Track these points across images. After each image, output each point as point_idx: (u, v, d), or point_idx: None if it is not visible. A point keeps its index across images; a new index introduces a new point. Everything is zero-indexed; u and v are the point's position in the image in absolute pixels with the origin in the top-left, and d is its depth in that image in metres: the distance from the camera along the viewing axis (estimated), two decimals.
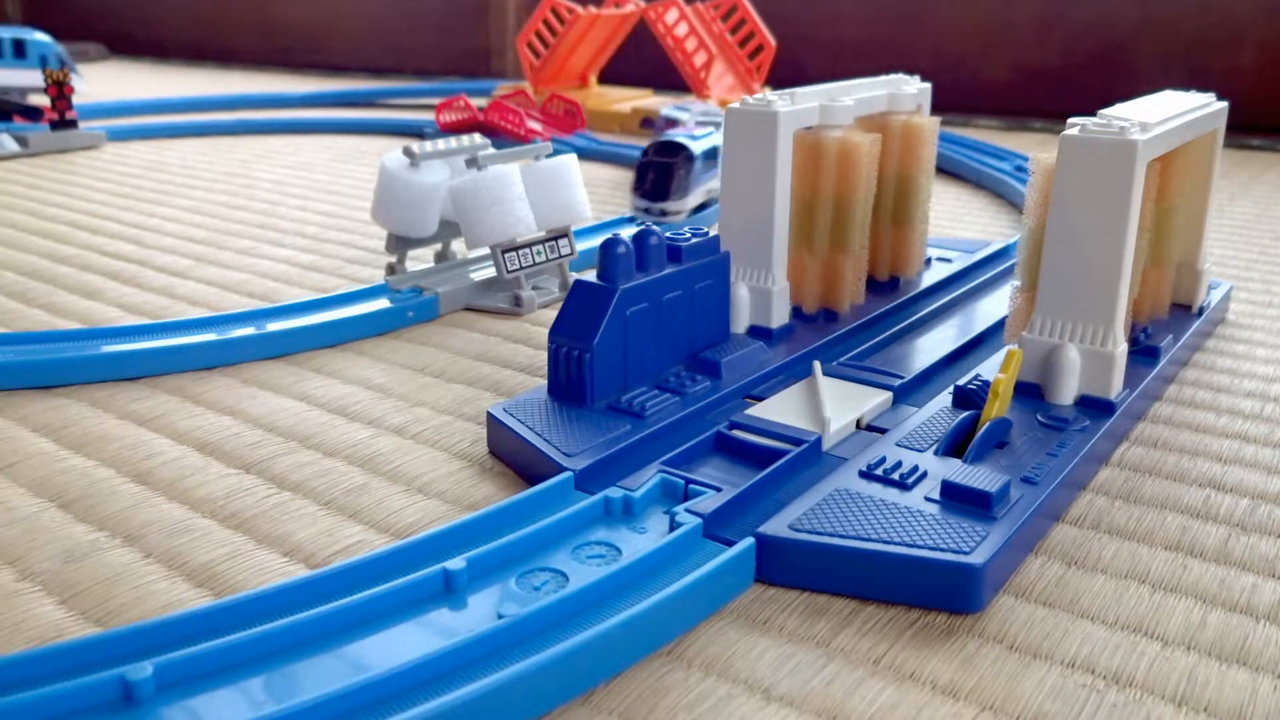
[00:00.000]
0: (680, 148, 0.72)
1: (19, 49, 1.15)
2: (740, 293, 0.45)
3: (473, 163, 0.54)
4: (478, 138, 0.56)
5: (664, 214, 0.71)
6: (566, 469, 0.34)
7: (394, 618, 0.27)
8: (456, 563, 0.28)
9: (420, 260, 0.62)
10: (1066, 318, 0.39)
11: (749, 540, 0.30)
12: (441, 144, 0.55)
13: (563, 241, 0.56)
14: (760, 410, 0.38)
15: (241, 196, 0.84)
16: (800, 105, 0.45)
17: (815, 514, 0.31)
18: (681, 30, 1.17)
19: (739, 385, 0.41)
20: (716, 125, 0.80)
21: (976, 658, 0.27)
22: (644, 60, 1.46)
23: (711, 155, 0.74)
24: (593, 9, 1.25)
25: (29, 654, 0.25)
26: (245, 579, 0.30)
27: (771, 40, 1.20)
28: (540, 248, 0.55)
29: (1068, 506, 0.35)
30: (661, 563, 0.29)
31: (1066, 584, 0.30)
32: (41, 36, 1.19)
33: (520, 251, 0.54)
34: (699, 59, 1.17)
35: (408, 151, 0.54)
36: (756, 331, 0.45)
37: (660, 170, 0.72)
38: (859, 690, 0.26)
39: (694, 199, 0.72)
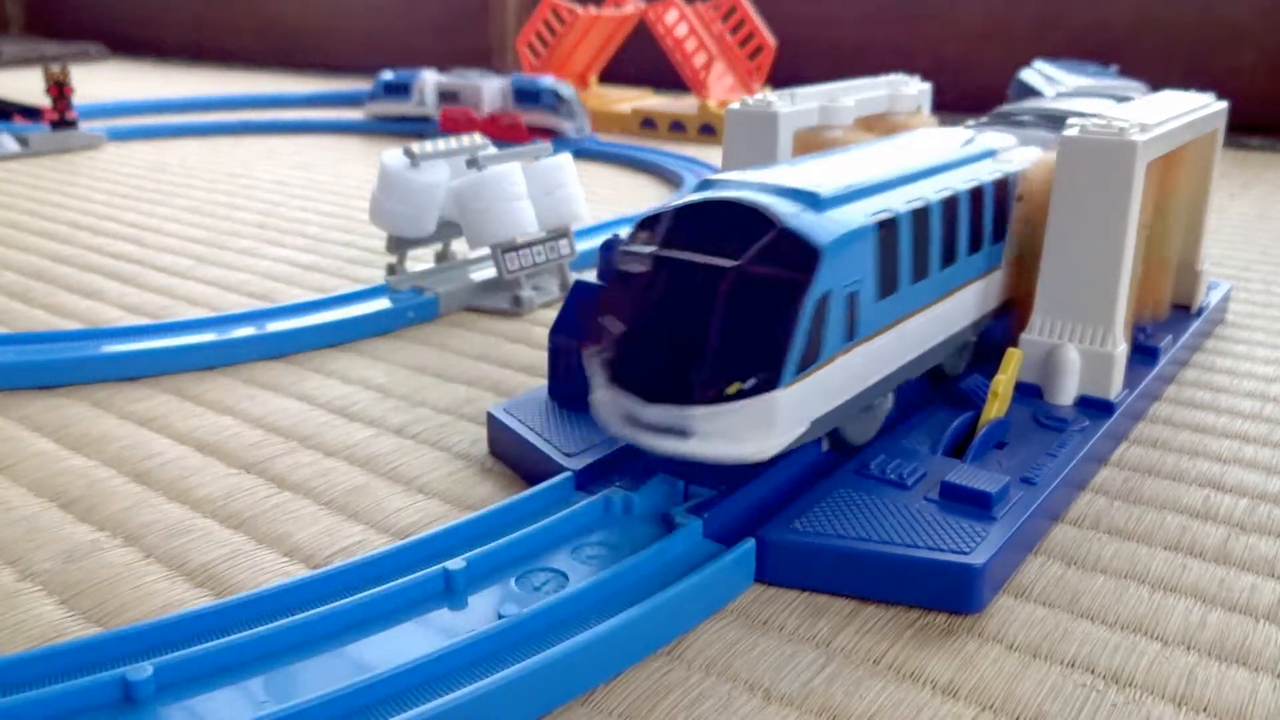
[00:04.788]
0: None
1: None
2: None
3: (473, 163, 0.54)
4: (478, 138, 0.56)
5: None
6: (566, 469, 0.34)
7: (394, 618, 0.27)
8: (457, 563, 0.28)
9: (420, 260, 0.62)
10: (1066, 318, 0.39)
11: (749, 540, 0.30)
12: (441, 144, 0.55)
13: (563, 241, 0.56)
14: None
15: (242, 196, 0.84)
16: (800, 106, 0.45)
17: (815, 514, 0.31)
18: (681, 30, 1.17)
19: None
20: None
21: (976, 658, 0.27)
22: (644, 60, 1.45)
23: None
24: (593, 9, 1.25)
25: (29, 654, 0.25)
26: (245, 579, 0.30)
27: (771, 40, 1.20)
28: (540, 248, 0.55)
29: (1067, 506, 0.35)
30: (661, 563, 0.29)
31: (1066, 584, 0.30)
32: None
33: (520, 252, 0.54)
34: (699, 59, 1.17)
35: (408, 151, 0.54)
36: None
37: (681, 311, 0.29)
38: (859, 690, 0.26)
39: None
